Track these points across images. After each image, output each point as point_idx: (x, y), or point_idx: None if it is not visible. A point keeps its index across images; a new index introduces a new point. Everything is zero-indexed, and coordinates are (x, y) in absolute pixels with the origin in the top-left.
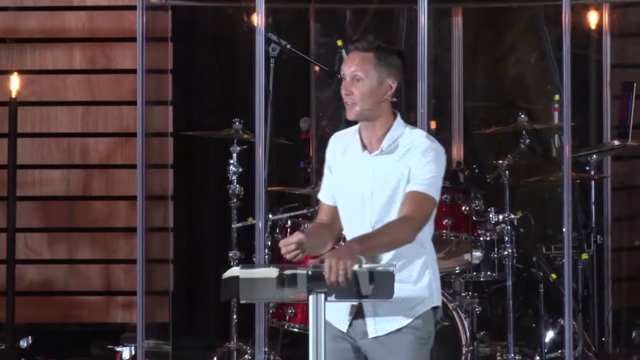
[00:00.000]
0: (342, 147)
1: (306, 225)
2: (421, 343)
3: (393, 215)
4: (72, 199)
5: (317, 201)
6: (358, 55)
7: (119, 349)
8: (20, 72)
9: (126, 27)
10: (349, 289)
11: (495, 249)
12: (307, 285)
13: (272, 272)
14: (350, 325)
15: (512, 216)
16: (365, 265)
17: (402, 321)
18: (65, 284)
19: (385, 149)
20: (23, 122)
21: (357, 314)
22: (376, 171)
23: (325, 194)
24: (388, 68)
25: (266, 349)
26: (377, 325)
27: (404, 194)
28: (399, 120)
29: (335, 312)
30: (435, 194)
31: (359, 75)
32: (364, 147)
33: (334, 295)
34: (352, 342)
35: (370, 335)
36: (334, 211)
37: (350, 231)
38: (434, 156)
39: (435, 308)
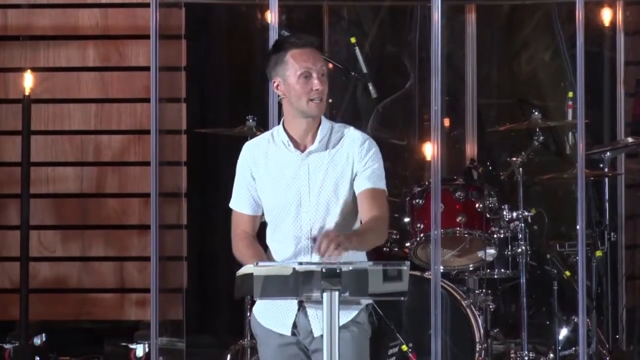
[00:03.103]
0: (261, 153)
1: None
2: (365, 335)
3: (334, 214)
4: (85, 196)
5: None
6: (315, 51)
7: (132, 346)
8: (34, 69)
9: (140, 24)
10: (362, 286)
11: (509, 247)
12: (321, 283)
13: (286, 269)
14: (294, 326)
15: (526, 213)
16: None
17: (346, 316)
18: (78, 281)
19: (318, 146)
20: (37, 119)
21: (299, 315)
22: (312, 169)
23: (245, 204)
24: None
25: None
26: (322, 323)
27: (349, 191)
28: (323, 117)
29: (275, 319)
30: (386, 187)
31: (324, 71)
32: (295, 146)
33: (347, 293)
34: (298, 345)
35: (316, 333)
36: (256, 220)
37: (284, 234)
38: (375, 148)
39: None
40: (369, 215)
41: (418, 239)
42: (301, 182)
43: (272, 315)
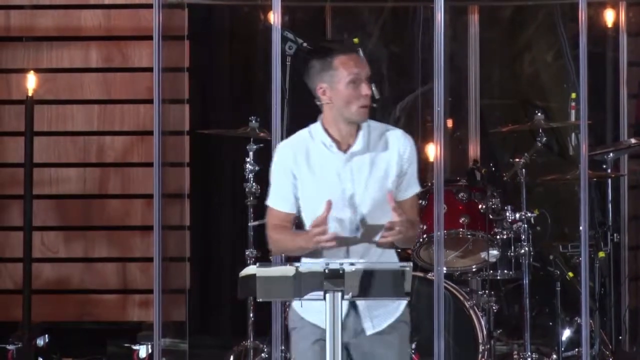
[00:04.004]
0: (302, 152)
1: None
2: (409, 333)
3: (378, 215)
4: (88, 197)
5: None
6: (360, 57)
7: (135, 347)
8: (37, 70)
9: (143, 25)
10: (364, 287)
11: (512, 248)
12: (324, 284)
13: (289, 270)
14: (342, 325)
15: (529, 214)
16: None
17: (394, 314)
18: (81, 282)
19: (360, 148)
20: (39, 120)
21: (350, 312)
22: (355, 171)
23: (285, 202)
24: None
25: (283, 348)
26: (375, 321)
27: (392, 191)
28: None
29: (322, 314)
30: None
31: (369, 75)
32: (337, 147)
33: (350, 294)
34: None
35: (368, 332)
36: (293, 218)
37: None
38: (414, 147)
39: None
40: (409, 218)
41: (421, 240)
42: (345, 183)
43: (318, 310)
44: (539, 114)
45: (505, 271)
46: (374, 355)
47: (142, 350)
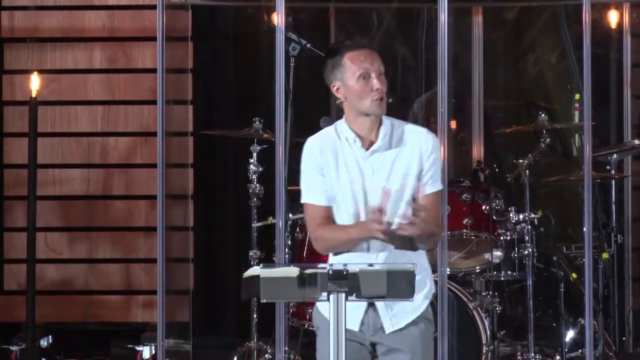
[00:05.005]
0: (329, 148)
1: None
2: (432, 331)
3: (399, 211)
4: (92, 198)
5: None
6: (371, 52)
7: (139, 348)
8: (41, 71)
9: (146, 26)
10: (369, 288)
11: (516, 249)
12: (327, 285)
13: (292, 271)
14: (362, 323)
15: (533, 215)
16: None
17: (415, 312)
18: (85, 283)
19: (381, 144)
20: (43, 121)
21: (369, 310)
22: (376, 168)
23: (322, 195)
24: None
25: (286, 349)
26: (393, 319)
27: (413, 187)
28: (383, 115)
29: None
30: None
31: (382, 70)
32: (361, 144)
33: (354, 295)
34: (361, 341)
35: (388, 330)
36: (332, 212)
37: None
38: (437, 144)
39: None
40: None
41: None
42: (366, 180)
43: None
44: (543, 115)
45: (509, 272)
46: (396, 351)
47: (146, 351)
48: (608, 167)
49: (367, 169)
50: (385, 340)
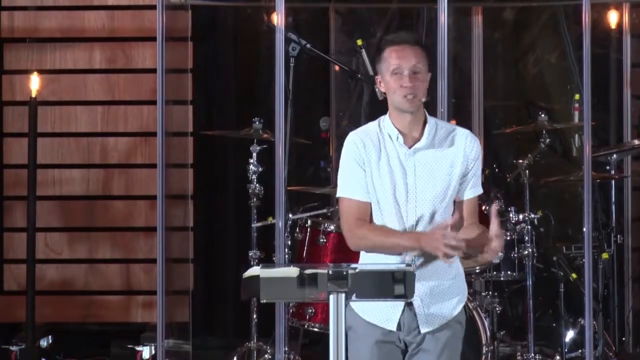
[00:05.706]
0: (372, 143)
1: (326, 225)
2: (462, 334)
3: (439, 211)
4: (92, 198)
5: (337, 200)
6: (411, 48)
7: (139, 348)
8: (40, 71)
9: (146, 26)
10: (368, 289)
11: (516, 249)
12: (327, 285)
13: (292, 271)
14: (399, 323)
15: (532, 216)
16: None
17: (450, 314)
18: (85, 283)
19: (425, 143)
20: (43, 121)
21: (406, 310)
22: (418, 166)
23: (360, 190)
24: (429, 61)
25: (286, 349)
26: (429, 320)
27: (454, 188)
28: (428, 115)
29: (380, 314)
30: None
31: (419, 68)
32: (404, 140)
33: (354, 295)
34: (396, 342)
35: (423, 330)
36: (369, 208)
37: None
38: (480, 148)
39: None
40: (470, 222)
41: None
42: (408, 178)
43: (377, 310)
44: (543, 115)
45: (509, 272)
46: (427, 352)
47: (146, 352)
48: (608, 168)
49: (409, 166)
50: (418, 340)
